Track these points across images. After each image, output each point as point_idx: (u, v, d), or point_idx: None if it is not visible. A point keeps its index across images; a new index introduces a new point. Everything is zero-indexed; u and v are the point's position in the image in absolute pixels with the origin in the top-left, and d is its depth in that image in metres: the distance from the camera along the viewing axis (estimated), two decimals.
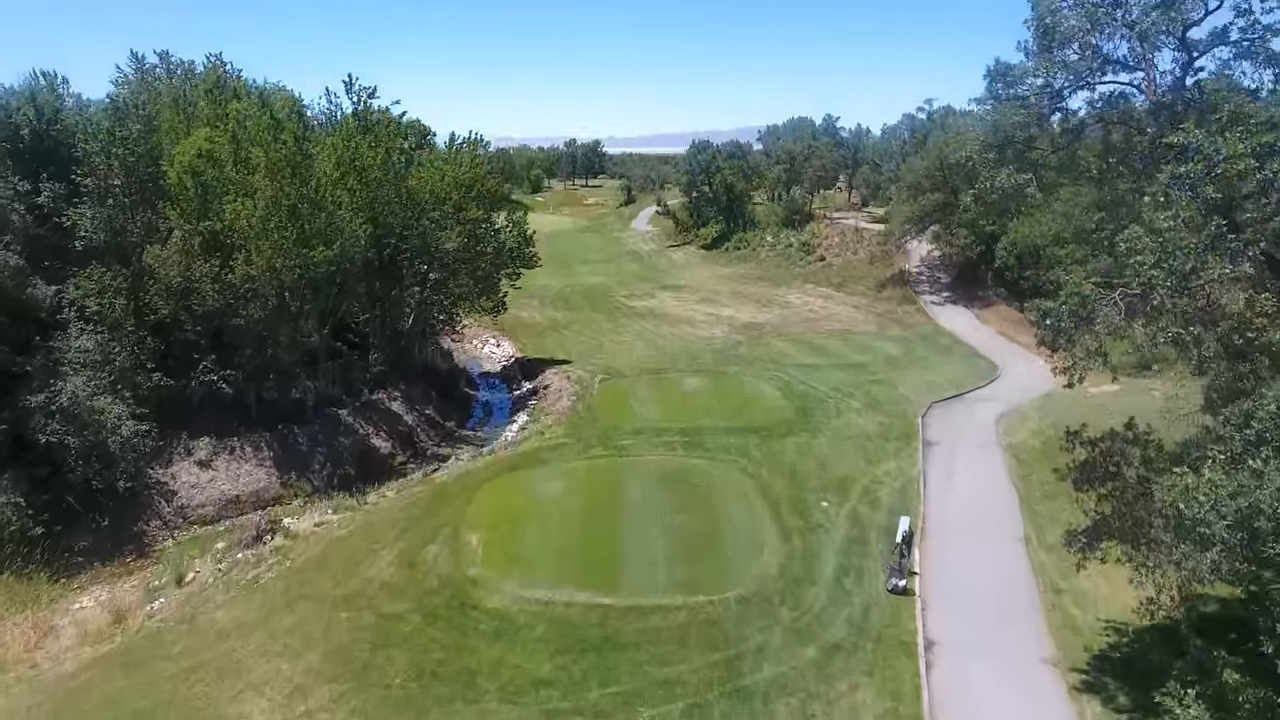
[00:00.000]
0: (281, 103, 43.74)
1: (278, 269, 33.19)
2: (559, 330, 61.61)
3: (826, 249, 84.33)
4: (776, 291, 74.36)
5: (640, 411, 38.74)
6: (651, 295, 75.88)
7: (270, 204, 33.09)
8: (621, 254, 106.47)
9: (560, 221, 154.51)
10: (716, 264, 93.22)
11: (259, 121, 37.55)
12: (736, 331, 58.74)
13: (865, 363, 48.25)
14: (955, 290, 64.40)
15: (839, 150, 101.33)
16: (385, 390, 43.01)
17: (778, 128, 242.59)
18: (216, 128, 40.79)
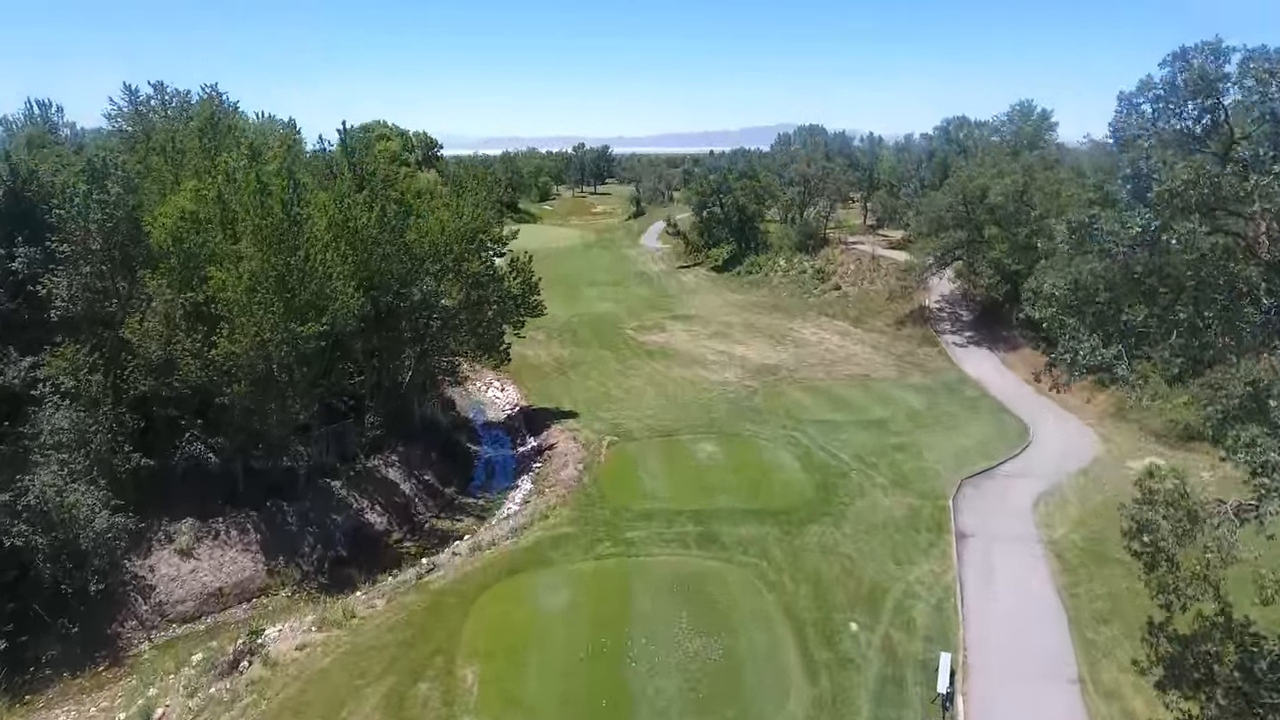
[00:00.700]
0: (274, 150, 41.53)
1: (265, 343, 30.95)
2: (565, 372, 59.30)
3: (842, 277, 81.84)
4: (791, 325, 71.88)
5: (650, 487, 36.40)
6: (661, 327, 73.53)
7: (255, 275, 30.83)
8: (630, 275, 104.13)
9: (568, 236, 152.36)
10: (728, 289, 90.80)
11: (246, 179, 35.38)
12: (750, 375, 56.31)
13: (887, 420, 45.78)
14: (978, 330, 61.80)
15: (854, 171, 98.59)
16: (382, 454, 40.81)
17: (788, 135, 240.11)
18: (205, 179, 38.75)
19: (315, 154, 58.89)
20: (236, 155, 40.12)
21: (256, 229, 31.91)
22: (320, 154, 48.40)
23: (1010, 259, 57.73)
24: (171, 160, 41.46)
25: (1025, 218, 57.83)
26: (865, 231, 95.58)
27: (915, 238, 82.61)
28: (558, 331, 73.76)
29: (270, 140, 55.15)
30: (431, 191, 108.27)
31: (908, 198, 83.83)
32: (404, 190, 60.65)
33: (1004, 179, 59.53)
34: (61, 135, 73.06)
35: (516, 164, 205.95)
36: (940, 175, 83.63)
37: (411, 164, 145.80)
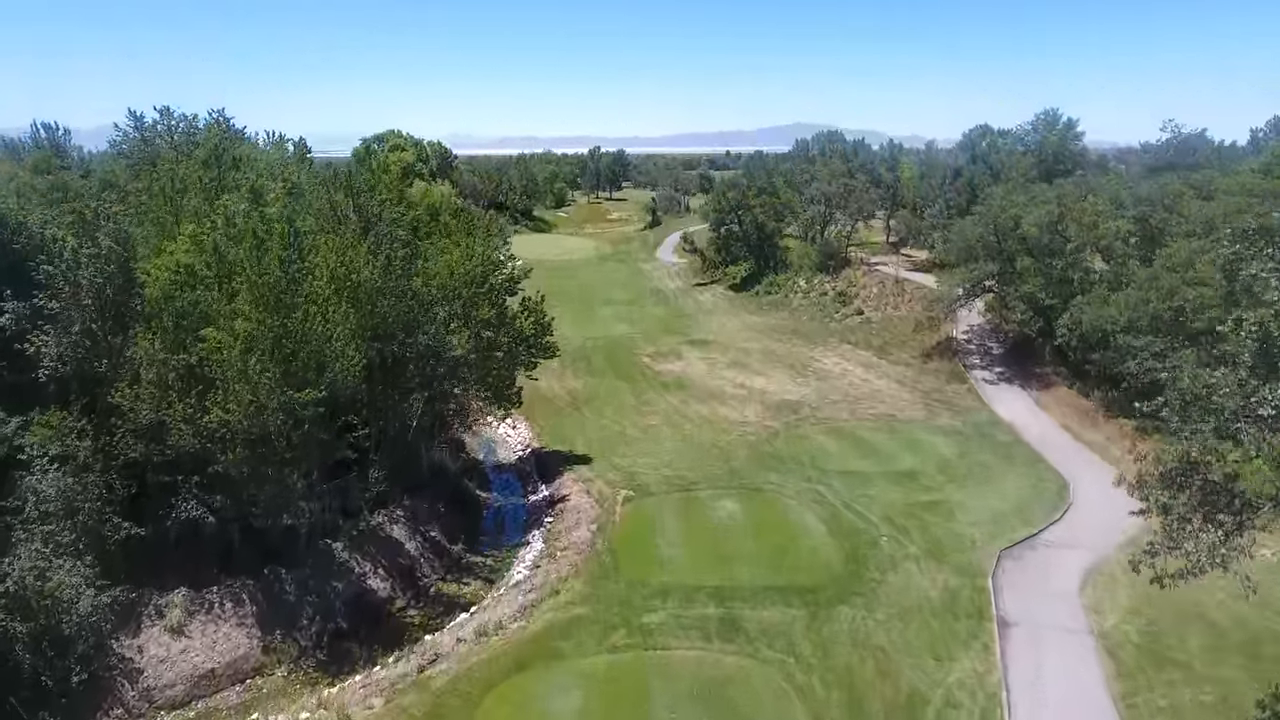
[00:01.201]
0: (276, 192, 39.78)
1: (260, 410, 29.16)
2: (579, 408, 57.34)
3: (864, 301, 79.47)
4: (812, 353, 69.62)
5: (667, 555, 34.36)
6: (678, 354, 71.48)
7: (250, 338, 29.04)
8: (646, 293, 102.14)
9: (582, 247, 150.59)
10: (746, 310, 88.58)
11: (246, 227, 33.67)
12: (771, 413, 54.15)
13: (917, 471, 43.51)
14: (1009, 365, 59.30)
15: (876, 188, 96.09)
16: (387, 509, 39.02)
17: (806, 142, 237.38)
18: (204, 223, 37.10)
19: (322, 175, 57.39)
20: (237, 198, 38.53)
21: (252, 286, 30.11)
22: (328, 178, 46.73)
23: (1044, 293, 55.24)
24: (171, 201, 39.80)
25: (1060, 249, 55.35)
26: (888, 251, 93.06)
27: (942, 262, 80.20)
28: (571, 358, 71.75)
29: (276, 169, 53.68)
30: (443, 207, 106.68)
31: (933, 219, 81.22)
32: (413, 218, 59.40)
33: (1037, 208, 57.07)
34: (69, 158, 72.25)
35: (531, 170, 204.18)
36: (967, 197, 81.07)
37: (425, 174, 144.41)
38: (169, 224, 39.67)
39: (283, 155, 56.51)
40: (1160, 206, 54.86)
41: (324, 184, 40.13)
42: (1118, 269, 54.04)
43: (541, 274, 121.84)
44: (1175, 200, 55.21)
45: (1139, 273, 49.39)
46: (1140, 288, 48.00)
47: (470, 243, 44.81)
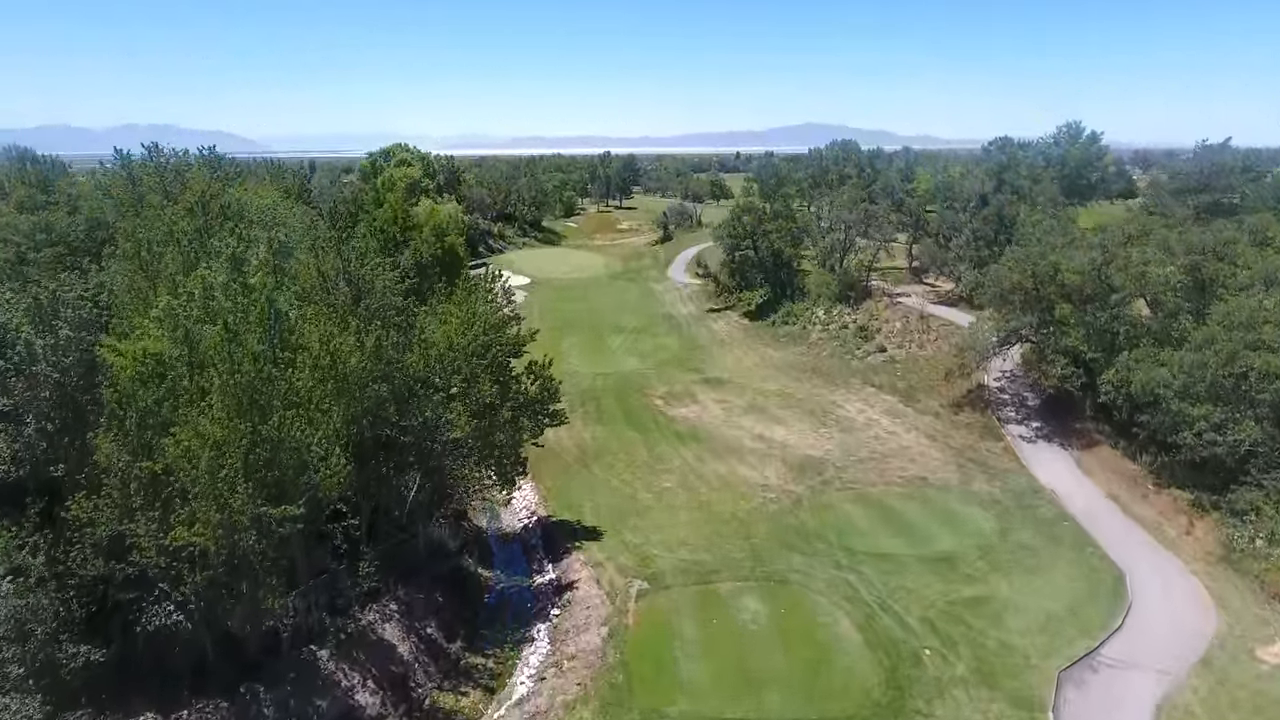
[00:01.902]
0: (260, 256, 36.54)
1: (232, 527, 25.94)
2: (588, 465, 53.98)
3: (887, 337, 75.86)
4: (833, 396, 66.10)
5: (686, 674, 30.96)
6: (693, 396, 68.08)
7: (219, 446, 25.80)
8: (658, 318, 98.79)
9: (592, 262, 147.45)
10: (762, 341, 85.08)
11: (222, 305, 30.49)
12: (793, 474, 50.72)
13: (956, 555, 39.99)
14: (1046, 419, 55.61)
15: (898, 212, 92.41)
16: (379, 603, 35.77)
17: (820, 152, 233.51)
18: (179, 294, 33.97)
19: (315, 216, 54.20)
20: (217, 267, 35.39)
21: (223, 387, 26.87)
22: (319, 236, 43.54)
23: (1086, 344, 51.57)
24: (146, 268, 36.70)
25: (1104, 298, 51.69)
26: (910, 279, 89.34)
27: (970, 297, 76.54)
28: (580, 399, 68.61)
29: (268, 215, 50.54)
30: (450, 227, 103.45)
31: (959, 250, 77.52)
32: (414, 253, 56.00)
33: (1078, 252, 53.41)
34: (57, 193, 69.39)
35: (539, 180, 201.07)
36: (995, 226, 77.33)
37: (432, 190, 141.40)
38: (145, 291, 36.64)
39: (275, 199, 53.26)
40: (1212, 254, 51.09)
41: (314, 244, 36.80)
42: (1166, 321, 50.36)
43: (549, 294, 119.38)
44: (1228, 248, 51.46)
45: (1194, 332, 45.68)
46: (1196, 348, 44.31)
47: (471, 303, 41.58)
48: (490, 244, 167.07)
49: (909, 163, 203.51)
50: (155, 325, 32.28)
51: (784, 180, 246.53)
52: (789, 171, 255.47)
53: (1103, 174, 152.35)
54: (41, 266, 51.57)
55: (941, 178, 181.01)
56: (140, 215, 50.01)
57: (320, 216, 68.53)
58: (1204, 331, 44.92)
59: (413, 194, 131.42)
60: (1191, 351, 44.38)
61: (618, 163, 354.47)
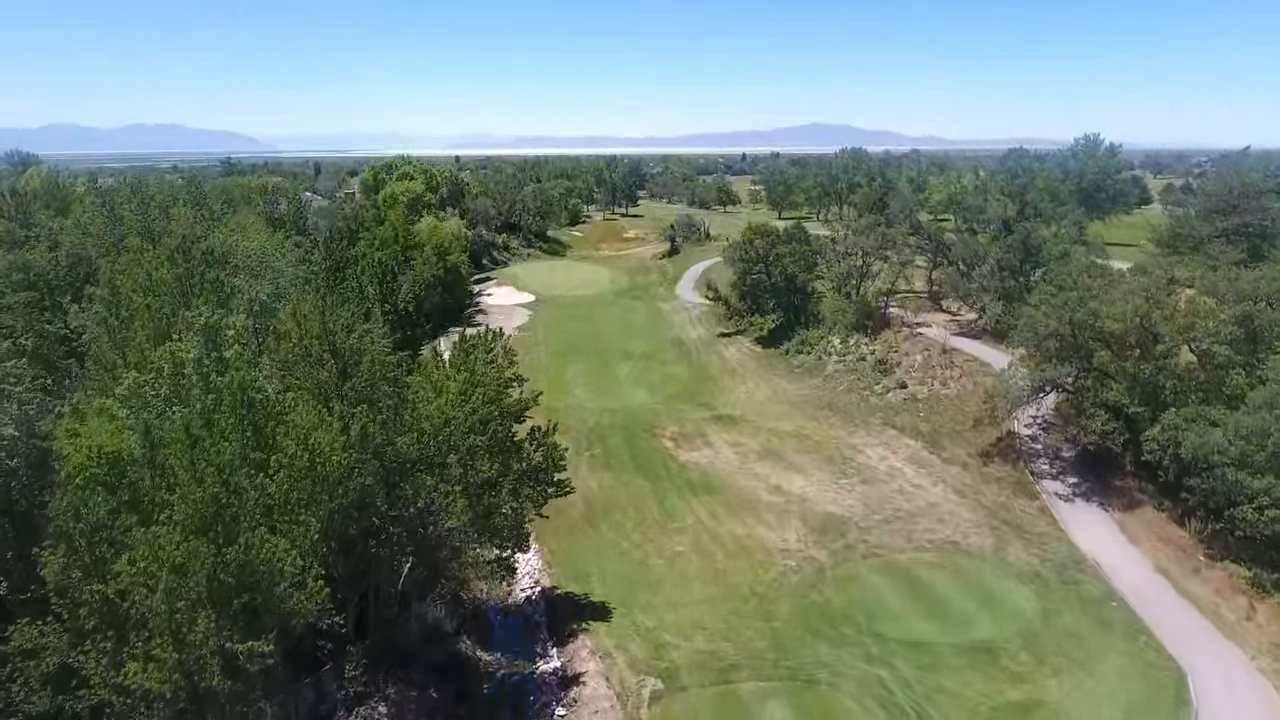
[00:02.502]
0: (236, 329, 33.35)
1: (189, 670, 22.77)
2: (596, 524, 50.74)
3: (908, 371, 72.48)
4: (853, 439, 62.76)
5: None
6: (704, 436, 64.82)
7: (178, 571, 22.63)
8: (666, 343, 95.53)
9: (597, 276, 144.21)
10: (775, 372, 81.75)
11: (189, 397, 27.29)
12: (814, 537, 47.46)
13: (997, 644, 36.66)
14: (1083, 473, 52.19)
15: (916, 235, 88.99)
16: (367, 706, 32.62)
17: (830, 160, 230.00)
18: (147, 370, 30.87)
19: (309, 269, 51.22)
20: (189, 339, 32.22)
21: (184, 497, 23.69)
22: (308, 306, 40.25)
23: (1127, 397, 48.17)
24: (114, 335, 33.57)
25: (1148, 348, 48.32)
26: (930, 306, 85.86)
27: (997, 331, 73.21)
28: (586, 439, 65.52)
29: (256, 262, 47.39)
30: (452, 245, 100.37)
31: (982, 280, 74.11)
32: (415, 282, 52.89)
33: (1118, 297, 50.00)
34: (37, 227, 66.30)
35: (545, 189, 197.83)
36: (1021, 254, 73.91)
37: (435, 204, 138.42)
38: (112, 361, 33.54)
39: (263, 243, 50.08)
40: (1265, 302, 47.68)
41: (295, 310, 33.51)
42: (1216, 374, 46.96)
43: (554, 313, 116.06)
44: None
45: (1250, 391, 42.31)
46: (1254, 410, 40.94)
47: (470, 363, 38.38)
48: (495, 255, 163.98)
49: (920, 171, 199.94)
50: (119, 405, 29.20)
51: (792, 188, 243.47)
52: (797, 179, 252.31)
53: (1121, 187, 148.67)
54: (16, 311, 48.56)
55: (955, 188, 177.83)
56: (119, 258, 47.02)
57: (315, 247, 65.54)
58: (1263, 392, 41.56)
59: (414, 210, 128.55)
60: (1249, 414, 41.01)
61: (623, 167, 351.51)
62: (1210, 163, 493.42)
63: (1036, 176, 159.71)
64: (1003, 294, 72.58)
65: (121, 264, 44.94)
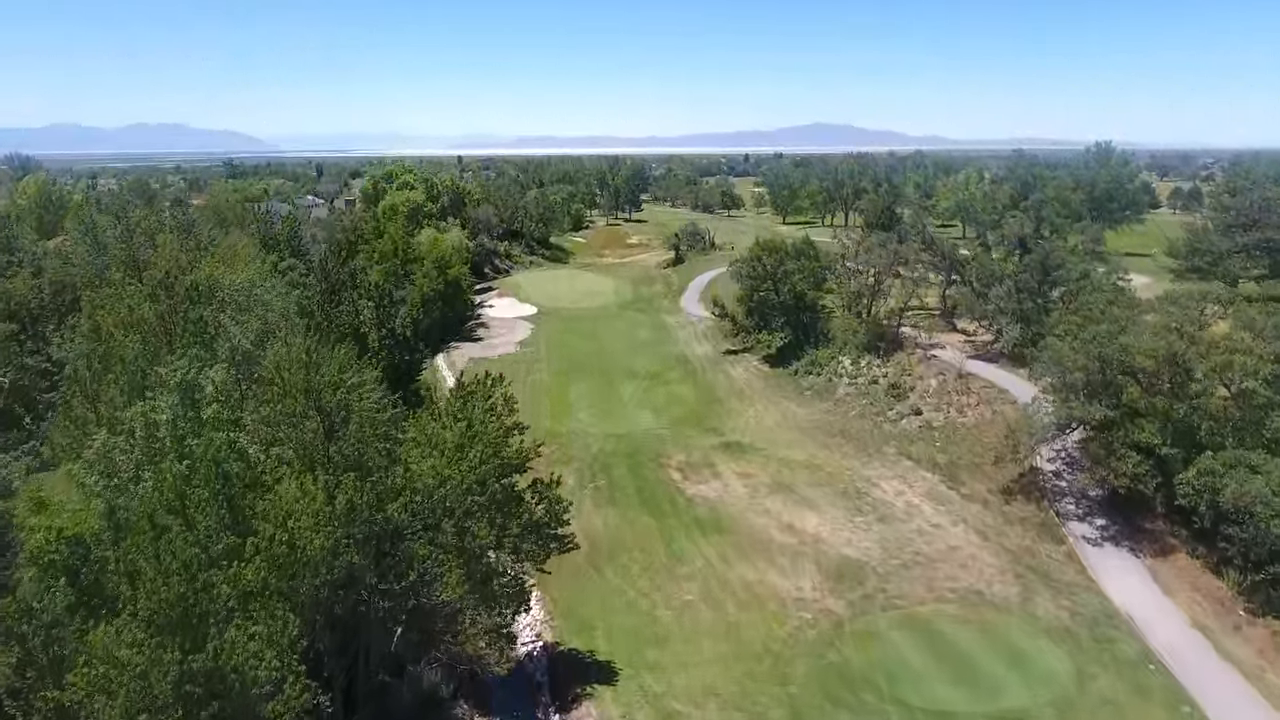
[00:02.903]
0: (215, 388, 31.07)
1: None
2: (600, 568, 48.47)
3: (922, 397, 70.12)
4: (867, 470, 60.40)
5: None
6: (712, 467, 62.47)
7: (144, 679, 20.35)
8: (672, 360, 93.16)
9: (601, 287, 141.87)
10: (784, 394, 79.32)
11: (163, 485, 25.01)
12: (829, 585, 45.17)
13: (1029, 715, 34.34)
14: (1111, 515, 49.80)
15: (929, 251, 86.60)
16: None
17: (834, 161, 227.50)
18: (118, 430, 28.63)
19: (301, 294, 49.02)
20: (166, 397, 29.96)
21: (149, 593, 21.42)
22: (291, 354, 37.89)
23: (1159, 438, 45.79)
24: (87, 390, 31.33)
25: (1182, 389, 45.94)
26: (944, 326, 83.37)
27: (1015, 355, 70.86)
28: (590, 467, 63.32)
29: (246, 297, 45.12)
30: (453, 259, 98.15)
31: (999, 301, 71.70)
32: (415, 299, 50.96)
33: (1147, 330, 47.62)
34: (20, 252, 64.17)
35: (547, 195, 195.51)
36: (1040, 274, 71.53)
37: (435, 213, 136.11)
38: (85, 420, 31.27)
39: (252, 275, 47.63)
40: None
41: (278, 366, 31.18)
42: (1255, 414, 44.60)
43: (557, 326, 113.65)
44: None
45: None
46: None
47: (468, 411, 36.05)
48: (496, 264, 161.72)
49: (927, 177, 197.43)
50: (85, 471, 26.96)
51: (797, 193, 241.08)
52: (801, 182, 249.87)
53: (1134, 196, 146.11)
54: None
55: (963, 195, 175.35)
56: (101, 290, 44.80)
57: (310, 270, 63.14)
58: None
59: (414, 220, 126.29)
60: None
61: (626, 170, 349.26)
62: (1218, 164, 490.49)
63: (1047, 185, 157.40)
64: (1020, 316, 70.22)
65: (102, 299, 42.58)
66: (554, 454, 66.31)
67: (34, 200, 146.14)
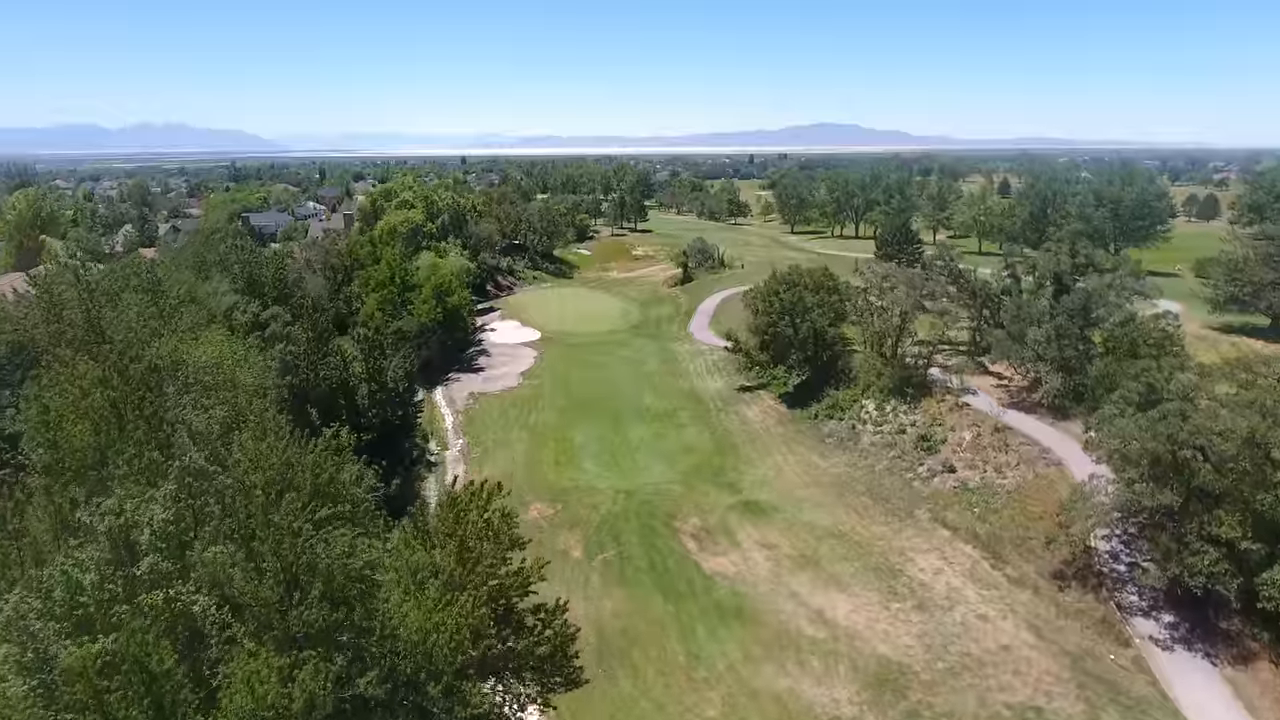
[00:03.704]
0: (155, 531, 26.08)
1: None
2: (610, 670, 43.50)
3: (955, 450, 65.06)
4: (900, 540, 55.41)
5: None
6: (731, 535, 57.56)
7: None
8: (682, 397, 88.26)
9: (609, 309, 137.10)
10: (804, 441, 74.23)
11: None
12: (868, 694, 40.29)
13: None
14: (1179, 609, 44.67)
15: (957, 285, 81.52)
16: None
17: (841, 166, 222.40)
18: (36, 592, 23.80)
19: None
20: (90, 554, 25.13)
21: None
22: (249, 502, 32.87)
23: (1239, 532, 40.70)
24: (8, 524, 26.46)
25: (1265, 474, 40.84)
26: (974, 367, 78.18)
27: (1054, 403, 65.82)
28: (598, 534, 58.56)
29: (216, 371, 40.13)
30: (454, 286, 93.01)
31: (1038, 345, 66.62)
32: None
33: (1225, 416, 42.48)
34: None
35: (550, 210, 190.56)
36: (1081, 319, 66.47)
37: (435, 232, 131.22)
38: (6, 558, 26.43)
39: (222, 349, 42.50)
40: None
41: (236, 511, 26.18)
42: None
43: (561, 355, 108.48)
44: None
45: None
46: None
47: (459, 530, 31.14)
48: (499, 281, 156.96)
49: (941, 189, 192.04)
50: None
51: (806, 202, 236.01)
52: (809, 189, 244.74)
53: (1160, 214, 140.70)
54: None
55: (979, 210, 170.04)
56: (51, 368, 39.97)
57: (294, 319, 58.23)
58: None
59: (414, 241, 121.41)
60: None
61: (631, 177, 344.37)
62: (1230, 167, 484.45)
63: (1068, 200, 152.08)
64: (1062, 364, 65.08)
65: (50, 379, 37.78)
66: (559, 516, 61.60)
67: (22, 216, 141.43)
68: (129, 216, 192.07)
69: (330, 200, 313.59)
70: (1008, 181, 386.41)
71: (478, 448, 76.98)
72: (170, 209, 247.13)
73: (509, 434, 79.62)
